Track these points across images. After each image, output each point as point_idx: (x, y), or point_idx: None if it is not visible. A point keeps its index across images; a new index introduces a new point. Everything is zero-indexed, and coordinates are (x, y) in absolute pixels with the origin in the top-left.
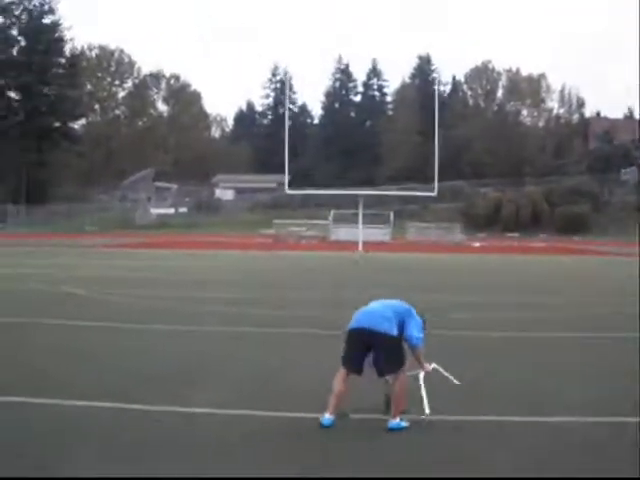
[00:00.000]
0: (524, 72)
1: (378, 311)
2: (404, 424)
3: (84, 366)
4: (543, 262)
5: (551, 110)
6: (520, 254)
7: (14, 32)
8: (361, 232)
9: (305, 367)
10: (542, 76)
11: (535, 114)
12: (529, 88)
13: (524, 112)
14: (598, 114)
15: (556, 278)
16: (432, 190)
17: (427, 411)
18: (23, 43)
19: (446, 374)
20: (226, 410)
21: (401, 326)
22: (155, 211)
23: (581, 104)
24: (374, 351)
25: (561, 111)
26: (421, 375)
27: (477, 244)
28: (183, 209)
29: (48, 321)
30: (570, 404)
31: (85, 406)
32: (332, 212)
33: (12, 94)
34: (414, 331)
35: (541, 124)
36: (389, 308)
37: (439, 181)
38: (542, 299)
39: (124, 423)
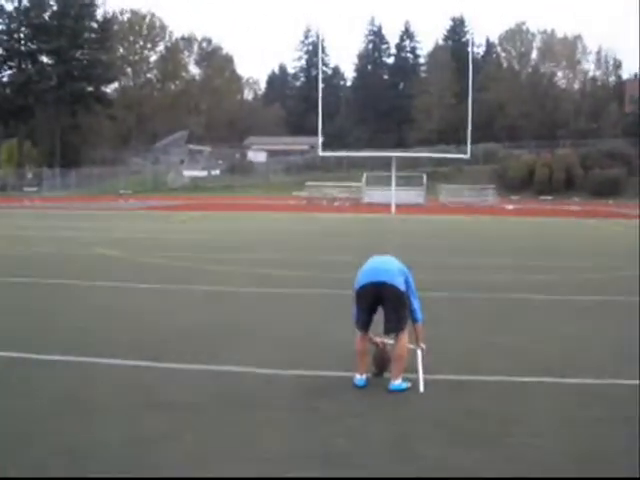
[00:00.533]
0: (559, 34)
1: (385, 266)
2: (405, 385)
3: (123, 325)
4: (576, 225)
5: (587, 72)
6: (553, 217)
7: None
8: (394, 194)
9: (339, 327)
10: (578, 38)
11: (570, 76)
12: (564, 50)
13: (559, 74)
14: (635, 76)
15: (586, 241)
16: (465, 152)
17: (421, 389)
18: (55, 8)
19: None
20: (264, 369)
21: (405, 284)
22: (188, 174)
23: (617, 66)
24: (385, 306)
25: (597, 73)
26: (419, 351)
27: (510, 207)
28: (216, 172)
29: (84, 283)
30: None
31: (124, 365)
32: (365, 174)
33: (45, 59)
34: (416, 303)
35: (576, 87)
36: (393, 264)
37: (472, 143)
38: (570, 262)
39: (162, 381)
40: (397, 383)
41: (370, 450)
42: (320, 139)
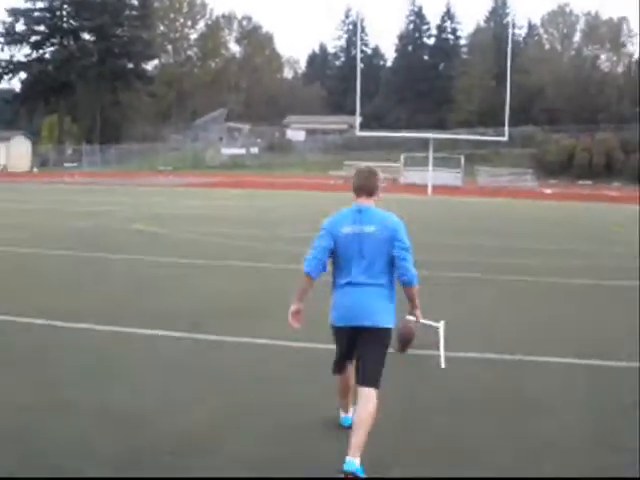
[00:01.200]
0: (603, 15)
1: (365, 300)
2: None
3: (161, 298)
4: (613, 211)
5: (631, 55)
6: (592, 202)
7: None
8: (431, 174)
9: None
10: (623, 19)
11: (614, 59)
12: (609, 32)
13: (602, 57)
14: None
15: (623, 228)
16: (503, 135)
17: (443, 365)
18: None
19: (424, 321)
20: (297, 343)
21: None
22: (226, 151)
23: None
24: (360, 351)
25: None
26: (441, 325)
27: (549, 191)
28: (254, 150)
29: (123, 256)
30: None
31: (160, 335)
32: (403, 155)
33: (87, 36)
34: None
35: (620, 70)
36: (376, 294)
37: (511, 126)
38: (610, 248)
39: (198, 351)
40: (354, 461)
41: (387, 420)
42: (358, 119)
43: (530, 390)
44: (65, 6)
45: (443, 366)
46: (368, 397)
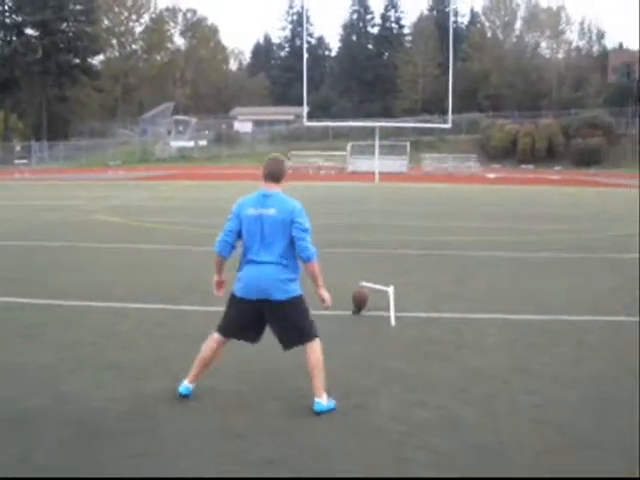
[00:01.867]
0: (543, 4)
1: (267, 274)
2: (333, 404)
3: (138, 279)
4: (551, 193)
5: (570, 43)
6: (532, 185)
7: None
8: (377, 162)
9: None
10: (561, 8)
11: (554, 46)
12: (548, 20)
13: (543, 44)
14: (620, 46)
15: (559, 208)
16: (447, 122)
17: (393, 322)
18: None
19: (376, 287)
20: None
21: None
22: (175, 144)
23: (601, 36)
24: (272, 324)
25: (581, 44)
26: (390, 290)
27: (492, 175)
28: (202, 142)
29: (96, 245)
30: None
31: (144, 308)
32: (350, 144)
33: (30, 31)
34: (307, 242)
35: (560, 56)
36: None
37: (456, 113)
38: (538, 226)
39: (174, 320)
40: (322, 401)
41: (347, 367)
42: (305, 109)
43: (464, 339)
44: (7, 1)
45: (393, 324)
46: (312, 347)
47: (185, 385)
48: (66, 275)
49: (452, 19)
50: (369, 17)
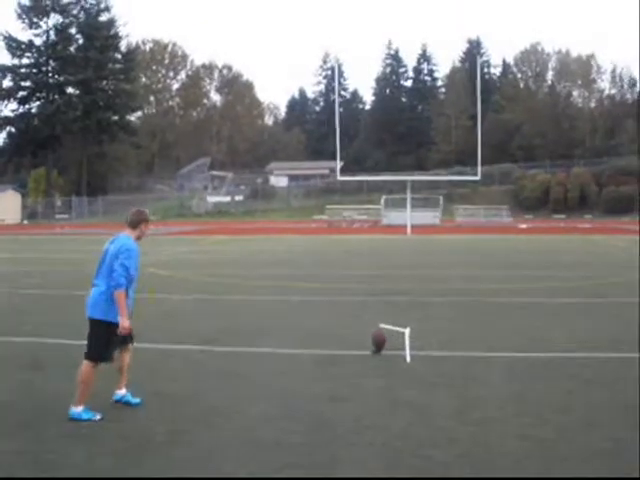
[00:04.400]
0: (573, 53)
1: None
2: (87, 415)
3: (182, 325)
4: (581, 242)
5: (602, 91)
6: (563, 234)
7: (72, 30)
8: (409, 215)
9: (354, 322)
10: (591, 56)
11: (586, 95)
12: (579, 69)
13: (575, 93)
14: None
15: (584, 255)
16: (476, 174)
17: (408, 359)
18: (81, 41)
19: (394, 328)
20: (287, 350)
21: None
22: (211, 199)
23: (633, 84)
24: None
25: (613, 91)
26: (407, 331)
27: (523, 225)
28: (239, 197)
29: (150, 295)
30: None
31: (184, 349)
32: (383, 197)
33: (72, 90)
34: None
35: (593, 105)
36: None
37: (489, 164)
38: (560, 273)
39: (215, 360)
40: (77, 410)
41: (363, 395)
42: (338, 164)
43: (471, 373)
44: (51, 61)
45: (408, 360)
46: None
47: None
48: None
49: (482, 71)
50: (402, 70)
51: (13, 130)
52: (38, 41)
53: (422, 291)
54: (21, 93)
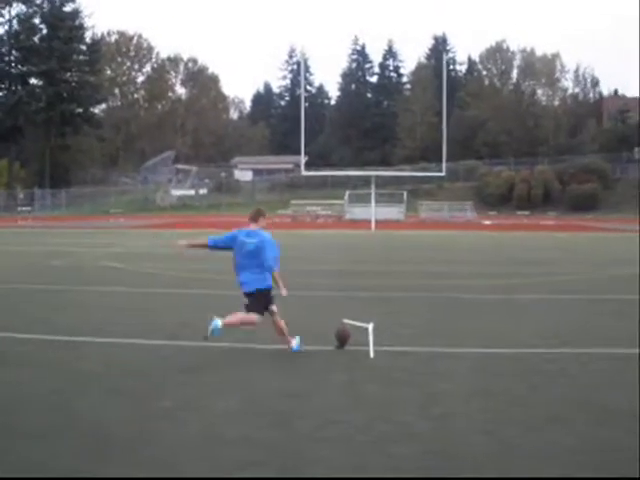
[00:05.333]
0: (538, 52)
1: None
2: None
3: (145, 319)
4: (544, 238)
5: (566, 90)
6: (527, 231)
7: (36, 20)
8: (373, 210)
9: (317, 317)
10: (556, 56)
11: (550, 93)
12: (544, 68)
13: (539, 92)
14: (616, 92)
15: (548, 252)
16: (441, 170)
17: (371, 355)
18: (45, 31)
19: (357, 324)
20: (250, 344)
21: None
22: (176, 193)
23: (595, 83)
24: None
25: (576, 91)
26: (370, 326)
27: (487, 222)
28: (203, 190)
29: (111, 289)
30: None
31: (147, 344)
32: (347, 192)
33: (35, 81)
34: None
35: (556, 104)
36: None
37: (454, 160)
38: (525, 269)
39: (179, 355)
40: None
41: (326, 390)
42: (303, 159)
43: (434, 368)
44: (13, 52)
45: (371, 356)
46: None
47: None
48: (71, 314)
49: (448, 67)
50: (368, 66)
51: None
52: (0, 30)
53: (386, 287)
54: None
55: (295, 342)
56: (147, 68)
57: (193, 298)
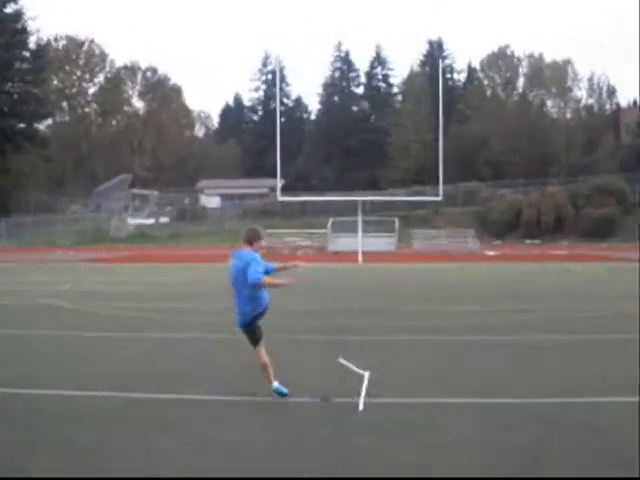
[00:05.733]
0: (547, 58)
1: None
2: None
3: (87, 368)
4: (557, 270)
5: (579, 100)
6: (537, 262)
7: None
8: (360, 241)
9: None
10: (568, 62)
11: (561, 105)
12: (554, 76)
13: (549, 103)
14: (635, 103)
15: (561, 286)
16: (438, 194)
17: (361, 407)
18: None
19: (352, 368)
20: (220, 397)
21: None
22: (132, 221)
23: (612, 93)
24: None
25: (590, 101)
26: (366, 375)
27: (491, 253)
28: (164, 219)
29: (41, 332)
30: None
31: (91, 396)
32: (330, 220)
33: None
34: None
35: (568, 116)
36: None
37: (452, 183)
38: (535, 306)
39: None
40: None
41: (313, 443)
42: (279, 182)
43: (430, 419)
44: None
45: (361, 408)
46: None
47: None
48: (9, 362)
49: (445, 76)
50: (353, 75)
51: None
52: None
53: (376, 329)
54: None
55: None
56: (100, 78)
57: (150, 343)
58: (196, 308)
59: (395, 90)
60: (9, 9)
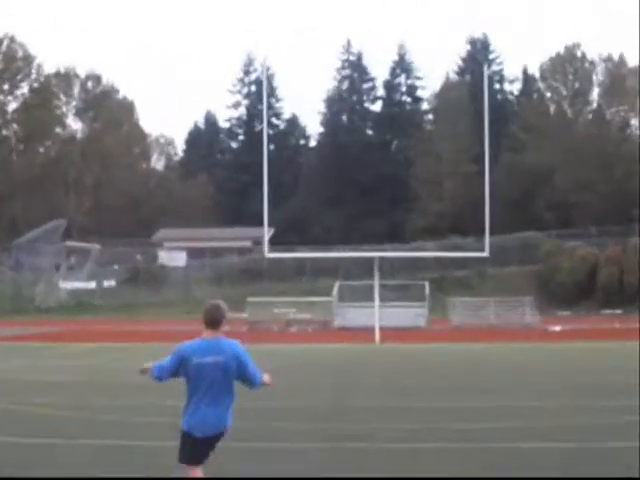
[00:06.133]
0: (631, 62)
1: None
2: None
3: None
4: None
5: None
6: (618, 340)
7: None
8: (378, 313)
9: None
10: None
11: None
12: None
13: (633, 122)
14: None
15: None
16: (483, 248)
17: None
18: None
19: None
20: None
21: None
22: (66, 285)
23: None
24: None
25: None
26: None
27: (556, 328)
28: (109, 282)
29: None
30: None
31: None
32: (337, 284)
33: None
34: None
35: None
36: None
37: (503, 233)
38: (612, 403)
39: None
40: None
41: None
42: (267, 233)
43: None
44: None
45: None
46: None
47: None
48: None
49: (492, 87)
50: (367, 86)
51: None
52: None
53: (396, 434)
54: None
55: None
56: (23, 89)
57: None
58: (149, 403)
59: (424, 107)
60: None
